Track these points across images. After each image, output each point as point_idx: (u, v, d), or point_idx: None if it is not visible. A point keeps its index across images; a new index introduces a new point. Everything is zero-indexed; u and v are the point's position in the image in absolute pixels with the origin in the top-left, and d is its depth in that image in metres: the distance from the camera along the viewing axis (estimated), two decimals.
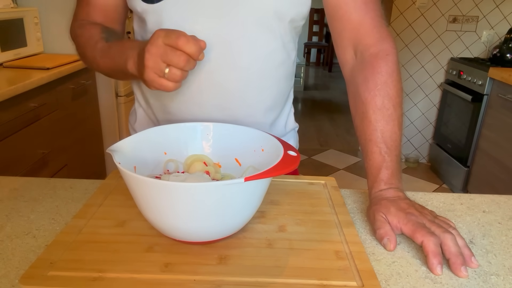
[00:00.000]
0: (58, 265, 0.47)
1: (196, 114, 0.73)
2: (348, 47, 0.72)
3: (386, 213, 0.58)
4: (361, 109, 0.67)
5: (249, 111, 0.74)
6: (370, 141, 0.65)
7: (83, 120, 2.22)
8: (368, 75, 0.67)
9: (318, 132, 3.98)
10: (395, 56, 0.69)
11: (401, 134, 0.66)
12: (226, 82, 0.70)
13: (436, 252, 0.51)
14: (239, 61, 0.69)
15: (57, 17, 2.25)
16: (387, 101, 0.65)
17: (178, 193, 0.46)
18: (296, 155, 0.52)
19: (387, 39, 0.70)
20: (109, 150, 0.53)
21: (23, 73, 1.80)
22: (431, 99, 3.07)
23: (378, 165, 0.63)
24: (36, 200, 0.65)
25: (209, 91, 0.70)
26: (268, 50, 0.71)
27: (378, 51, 0.68)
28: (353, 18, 0.70)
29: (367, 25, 0.69)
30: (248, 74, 0.71)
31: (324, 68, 7.42)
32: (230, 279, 0.46)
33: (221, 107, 0.72)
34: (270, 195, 0.65)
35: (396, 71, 0.67)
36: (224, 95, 0.71)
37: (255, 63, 0.70)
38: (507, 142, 2.26)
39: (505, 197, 0.73)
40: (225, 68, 0.69)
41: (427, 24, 2.89)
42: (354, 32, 0.70)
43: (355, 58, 0.72)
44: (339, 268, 0.48)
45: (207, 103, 0.72)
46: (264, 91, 0.74)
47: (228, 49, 0.68)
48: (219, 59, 0.68)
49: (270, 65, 0.72)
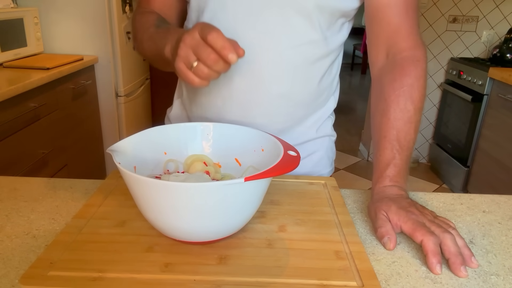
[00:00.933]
0: (58, 265, 0.47)
1: (223, 102, 0.74)
2: (382, 48, 0.73)
3: (387, 211, 0.58)
4: (382, 106, 0.68)
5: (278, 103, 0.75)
6: (384, 137, 0.66)
7: (83, 120, 2.22)
8: (397, 76, 0.69)
9: None
10: (425, 64, 0.71)
11: (415, 138, 0.66)
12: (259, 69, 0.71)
13: (435, 252, 0.51)
14: (276, 49, 0.70)
15: (57, 17, 2.25)
16: (409, 103, 0.66)
17: (178, 193, 0.46)
18: (296, 155, 0.52)
19: (420, 48, 0.71)
20: (109, 150, 0.53)
21: (23, 73, 1.80)
22: (431, 99, 3.07)
23: (387, 161, 0.64)
24: (36, 200, 0.65)
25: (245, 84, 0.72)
26: (307, 40, 0.71)
27: (410, 56, 0.70)
28: (392, 22, 0.71)
29: (405, 31, 0.71)
30: (283, 63, 0.71)
31: None
32: (230, 279, 0.46)
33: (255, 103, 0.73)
34: (270, 195, 0.65)
35: (423, 77, 0.69)
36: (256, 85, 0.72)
37: (292, 52, 0.71)
38: (507, 142, 2.26)
39: (505, 197, 0.73)
40: (262, 61, 0.71)
41: (427, 24, 2.89)
42: (391, 35, 0.72)
43: (386, 59, 0.73)
44: (339, 268, 0.48)
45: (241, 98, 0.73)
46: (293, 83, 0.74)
47: (265, 41, 0.70)
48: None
49: (309, 55, 0.73)
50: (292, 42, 0.70)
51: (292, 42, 0.70)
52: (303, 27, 0.70)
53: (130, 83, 2.55)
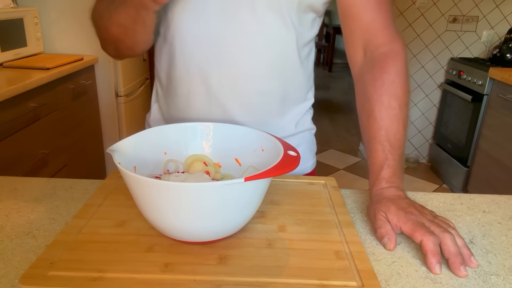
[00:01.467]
0: (58, 265, 0.47)
1: (202, 103, 0.75)
2: (358, 46, 0.73)
3: (386, 212, 0.58)
4: (367, 107, 0.68)
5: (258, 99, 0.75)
6: (374, 139, 0.65)
7: (83, 120, 2.22)
8: (377, 74, 0.68)
9: (318, 132, 3.95)
10: (404, 57, 0.70)
11: (406, 134, 0.66)
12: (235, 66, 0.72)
13: (435, 251, 0.51)
14: (252, 48, 0.70)
15: (57, 17, 2.25)
16: (393, 101, 0.66)
17: (178, 193, 0.46)
18: (296, 155, 0.52)
19: (397, 40, 0.70)
20: (109, 150, 0.53)
21: (23, 73, 1.80)
22: (431, 99, 3.07)
23: (380, 163, 0.63)
24: (36, 200, 0.65)
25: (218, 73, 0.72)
26: (281, 37, 0.71)
27: (388, 51, 0.69)
28: (365, 18, 0.70)
29: (379, 25, 0.70)
30: (260, 59, 0.72)
31: (324, 68, 7.41)
32: (230, 279, 0.46)
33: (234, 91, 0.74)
34: (270, 195, 0.65)
35: (404, 71, 0.68)
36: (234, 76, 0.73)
37: (265, 47, 0.71)
38: (507, 142, 2.26)
39: (505, 197, 0.73)
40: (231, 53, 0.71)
41: (427, 24, 2.89)
42: (366, 31, 0.71)
43: (365, 57, 0.72)
44: (339, 268, 0.48)
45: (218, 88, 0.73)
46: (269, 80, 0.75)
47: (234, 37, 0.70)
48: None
49: (284, 52, 0.73)
50: (266, 40, 0.71)
51: (266, 40, 0.71)
52: (276, 25, 0.70)
53: (130, 83, 2.55)
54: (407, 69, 0.69)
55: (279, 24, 0.70)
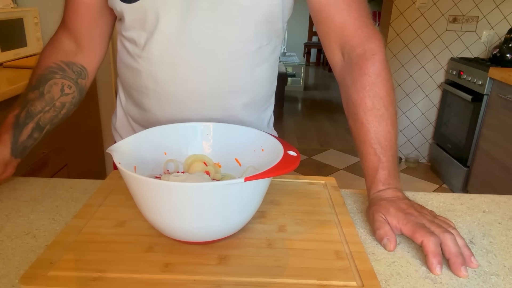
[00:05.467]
0: (58, 265, 0.47)
1: (172, 106, 0.74)
2: (335, 50, 0.72)
3: (386, 214, 0.58)
4: (352, 110, 0.67)
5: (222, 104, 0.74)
6: (364, 142, 0.65)
7: (83, 120, 2.22)
8: (356, 77, 0.67)
9: (318, 132, 3.98)
10: (382, 54, 0.68)
11: (396, 133, 0.65)
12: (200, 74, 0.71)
13: (435, 252, 0.51)
14: (211, 56, 0.70)
15: (57, 17, 2.22)
16: (377, 102, 0.65)
17: (178, 193, 0.46)
18: (296, 155, 0.52)
19: (372, 38, 0.69)
20: (109, 150, 0.53)
21: (23, 73, 1.80)
22: (431, 99, 3.07)
23: (374, 166, 0.63)
24: (36, 200, 0.65)
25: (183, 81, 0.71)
26: (245, 51, 0.71)
27: (364, 51, 0.68)
28: (336, 20, 0.69)
29: (351, 26, 0.69)
30: (225, 68, 0.71)
31: (324, 68, 7.42)
32: (230, 279, 0.46)
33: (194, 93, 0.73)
34: (270, 195, 0.65)
35: (384, 70, 0.67)
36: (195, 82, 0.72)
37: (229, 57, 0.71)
38: (507, 142, 2.26)
39: (505, 197, 0.73)
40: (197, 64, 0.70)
41: (427, 24, 2.89)
42: (339, 34, 0.70)
43: (343, 60, 0.72)
44: (339, 268, 0.48)
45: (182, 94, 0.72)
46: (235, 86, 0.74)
47: (202, 44, 0.69)
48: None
49: (248, 66, 0.73)
50: (231, 56, 0.70)
51: (231, 55, 0.70)
52: (240, 37, 0.69)
53: None
54: (387, 67, 0.67)
55: (243, 35, 0.70)
